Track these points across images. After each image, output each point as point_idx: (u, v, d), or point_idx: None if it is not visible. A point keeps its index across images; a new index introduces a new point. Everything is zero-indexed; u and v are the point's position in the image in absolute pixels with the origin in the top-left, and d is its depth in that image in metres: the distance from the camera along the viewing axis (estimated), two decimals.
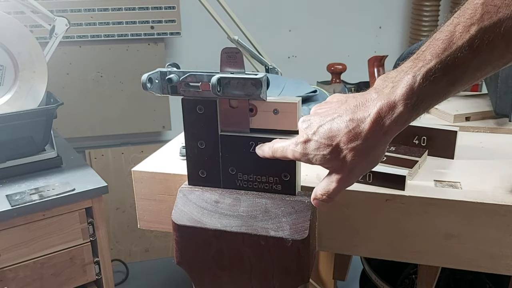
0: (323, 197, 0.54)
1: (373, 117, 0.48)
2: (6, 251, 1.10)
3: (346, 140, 0.49)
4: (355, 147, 0.49)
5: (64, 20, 1.28)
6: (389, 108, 0.47)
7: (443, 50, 0.45)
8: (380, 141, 0.49)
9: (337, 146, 0.50)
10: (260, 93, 0.60)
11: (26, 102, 1.19)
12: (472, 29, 0.44)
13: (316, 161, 0.52)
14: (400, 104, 0.47)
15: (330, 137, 0.50)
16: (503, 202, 0.62)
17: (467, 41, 0.44)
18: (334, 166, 0.52)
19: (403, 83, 0.47)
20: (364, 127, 0.48)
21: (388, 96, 0.47)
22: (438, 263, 0.69)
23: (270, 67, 1.24)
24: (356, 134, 0.49)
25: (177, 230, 0.67)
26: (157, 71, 0.64)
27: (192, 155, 0.68)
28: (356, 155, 0.50)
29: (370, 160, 0.51)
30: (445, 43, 0.45)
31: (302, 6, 2.15)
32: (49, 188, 1.15)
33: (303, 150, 0.53)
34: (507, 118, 0.94)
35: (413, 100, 0.46)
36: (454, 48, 0.45)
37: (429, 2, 2.11)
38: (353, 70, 1.46)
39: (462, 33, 0.44)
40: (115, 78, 1.95)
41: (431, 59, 0.46)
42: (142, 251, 2.18)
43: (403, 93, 0.46)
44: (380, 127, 0.48)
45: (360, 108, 0.49)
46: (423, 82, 0.46)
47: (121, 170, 2.03)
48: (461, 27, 0.44)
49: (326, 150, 0.51)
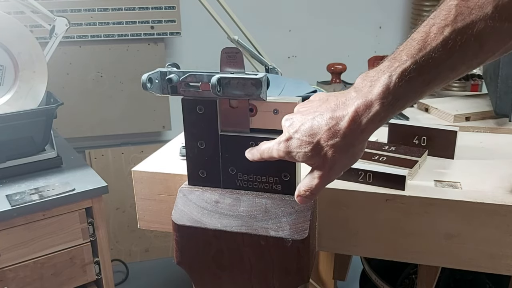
0: (306, 193, 0.56)
1: (351, 115, 0.49)
2: (6, 251, 1.10)
3: (326, 137, 0.51)
4: (335, 144, 0.51)
5: (64, 20, 1.28)
6: (366, 107, 0.49)
7: (418, 50, 0.46)
8: (358, 138, 0.51)
9: (317, 143, 0.52)
10: (260, 93, 0.60)
11: (26, 102, 1.19)
12: (446, 30, 0.45)
13: (299, 158, 0.54)
14: (376, 103, 0.48)
15: (311, 135, 0.52)
16: (503, 202, 0.62)
17: (440, 42, 0.45)
18: (315, 163, 0.54)
19: (379, 83, 0.48)
20: (342, 125, 0.50)
21: (366, 95, 0.49)
22: (438, 263, 0.69)
23: (270, 67, 1.24)
24: (335, 132, 0.50)
25: (177, 230, 0.67)
26: (157, 71, 0.64)
27: (192, 155, 0.68)
28: (335, 152, 0.51)
29: (349, 157, 0.53)
30: (420, 43, 0.46)
31: (302, 6, 2.15)
32: (49, 188, 1.15)
33: (286, 148, 0.55)
34: (507, 118, 0.94)
35: (389, 99, 0.48)
36: (429, 49, 0.46)
37: (429, 2, 2.11)
38: (353, 70, 1.45)
39: (436, 34, 0.45)
40: (115, 78, 1.95)
41: (407, 59, 0.47)
42: (142, 251, 2.18)
43: (379, 93, 0.48)
44: (357, 125, 0.50)
45: (339, 107, 0.51)
46: (398, 82, 0.47)
47: (121, 170, 2.03)
48: (436, 28, 0.46)
49: (308, 147, 0.52)
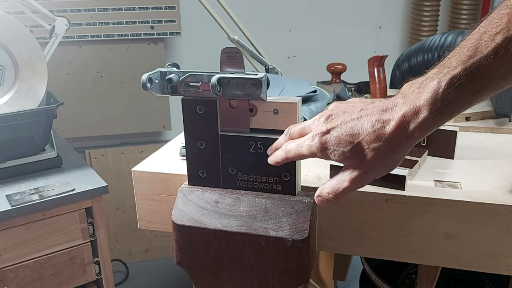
0: (330, 195, 0.53)
1: (398, 120, 0.48)
2: (6, 251, 1.10)
3: (369, 139, 0.49)
4: (377, 148, 0.49)
5: (64, 20, 1.28)
6: (414, 113, 0.48)
7: (469, 57, 0.46)
8: (402, 144, 0.49)
9: (358, 144, 0.50)
10: (260, 93, 0.60)
11: (26, 102, 1.19)
12: (498, 37, 0.44)
13: (334, 157, 0.52)
14: (424, 109, 0.47)
15: (353, 135, 0.50)
16: (503, 202, 0.62)
17: (492, 50, 0.45)
18: (350, 164, 0.52)
19: (428, 89, 0.47)
20: (388, 129, 0.49)
21: (414, 101, 0.48)
22: (438, 263, 0.69)
23: (270, 67, 1.24)
24: (380, 135, 0.49)
25: (177, 230, 0.67)
26: (157, 71, 0.64)
27: (192, 155, 0.68)
28: (376, 156, 0.50)
29: (388, 164, 0.51)
30: (471, 50, 0.46)
31: (302, 6, 2.15)
32: (49, 188, 1.15)
33: (321, 144, 0.52)
34: (507, 118, 0.94)
35: (437, 106, 0.47)
36: (479, 56, 0.45)
37: (429, 2, 2.11)
38: (353, 70, 1.46)
39: (487, 42, 0.45)
40: (115, 78, 1.95)
41: (456, 65, 0.46)
42: (142, 251, 2.18)
43: (428, 99, 0.47)
44: (404, 131, 0.48)
45: (387, 111, 0.50)
46: (447, 88, 0.46)
47: (121, 170, 2.03)
48: (487, 35, 0.45)
49: (347, 147, 0.50)
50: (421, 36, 2.12)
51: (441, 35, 1.24)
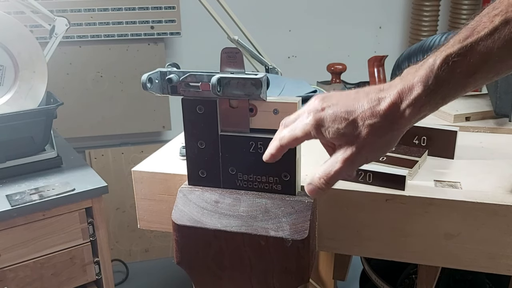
0: (321, 180, 0.52)
1: (393, 96, 0.49)
2: (6, 251, 1.10)
3: (364, 116, 0.49)
4: (372, 124, 0.49)
5: (64, 20, 1.28)
6: (409, 89, 0.48)
7: (466, 37, 0.47)
8: (397, 122, 0.49)
9: (354, 121, 0.50)
10: (260, 93, 0.60)
11: (26, 102, 1.19)
12: (496, 19, 0.45)
13: (328, 134, 0.51)
14: (418, 86, 0.48)
15: (349, 112, 0.50)
16: (503, 202, 0.62)
17: (489, 31, 0.46)
18: (344, 142, 0.51)
19: (424, 66, 0.48)
20: (383, 105, 0.49)
21: (409, 79, 0.49)
22: (438, 263, 0.69)
23: (270, 67, 1.24)
24: (375, 112, 0.49)
25: (177, 230, 0.67)
26: (157, 71, 0.64)
27: (192, 155, 0.68)
28: (371, 132, 0.49)
29: (382, 143, 0.51)
30: (469, 30, 0.47)
31: (302, 6, 2.15)
32: (49, 188, 1.15)
33: (316, 121, 0.51)
34: (507, 118, 0.94)
35: (431, 83, 0.47)
36: (476, 36, 0.46)
37: (429, 2, 2.11)
38: (353, 70, 1.46)
39: (486, 23, 0.46)
40: (115, 78, 1.95)
41: (453, 44, 0.47)
42: (142, 251, 2.18)
43: (422, 75, 0.48)
44: (397, 108, 0.49)
45: (383, 90, 0.50)
46: (441, 66, 0.47)
47: (121, 170, 2.03)
48: (486, 17, 0.46)
49: (342, 123, 0.50)
50: (421, 36, 2.12)
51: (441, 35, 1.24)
